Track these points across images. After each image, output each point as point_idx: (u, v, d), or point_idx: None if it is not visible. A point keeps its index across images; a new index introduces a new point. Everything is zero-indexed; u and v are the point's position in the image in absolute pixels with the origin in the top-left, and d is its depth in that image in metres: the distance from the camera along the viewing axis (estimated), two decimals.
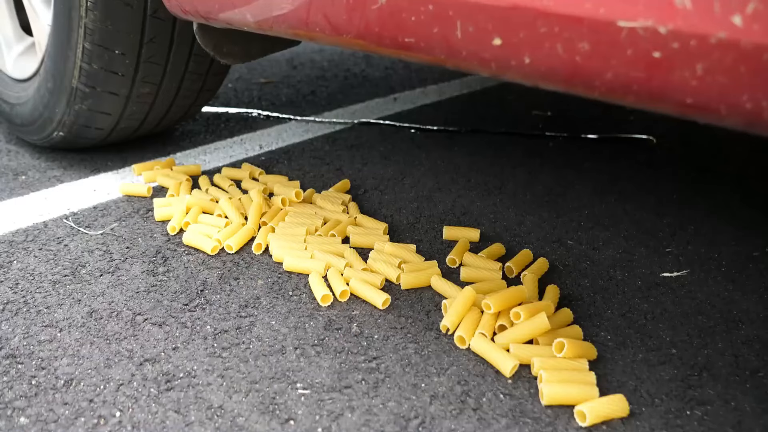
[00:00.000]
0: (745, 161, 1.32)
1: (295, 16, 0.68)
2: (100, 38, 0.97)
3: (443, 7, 0.54)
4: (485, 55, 0.53)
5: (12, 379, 0.65)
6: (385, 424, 0.61)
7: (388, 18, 0.59)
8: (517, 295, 0.76)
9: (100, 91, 1.02)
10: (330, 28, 0.65)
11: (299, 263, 0.84)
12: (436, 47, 0.57)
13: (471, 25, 0.53)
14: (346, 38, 0.64)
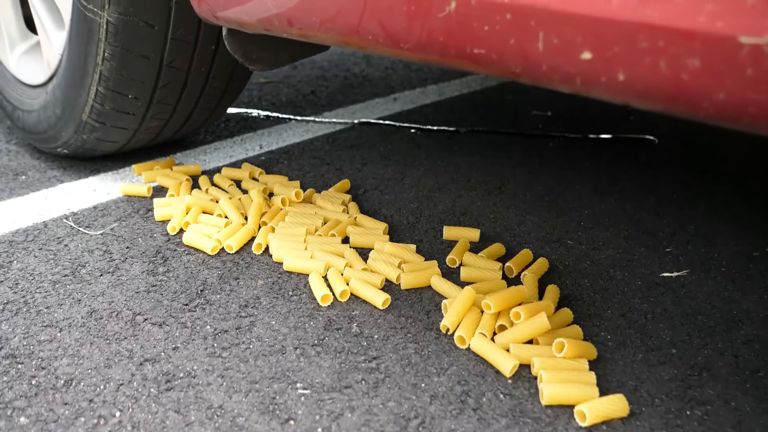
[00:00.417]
0: (745, 161, 1.32)
1: (345, 22, 0.62)
2: (115, 84, 0.97)
3: (525, 16, 0.50)
4: (570, 70, 0.49)
5: (12, 379, 0.65)
6: (385, 424, 0.61)
7: (456, 27, 0.54)
8: (517, 295, 0.76)
9: (110, 126, 1.02)
10: (385, 37, 0.60)
11: (299, 263, 0.84)
12: (510, 60, 0.52)
13: (556, 36, 0.49)
14: (404, 48, 0.59)
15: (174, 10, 0.92)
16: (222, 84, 1.09)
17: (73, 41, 0.97)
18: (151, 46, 0.94)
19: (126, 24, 0.91)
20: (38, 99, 1.11)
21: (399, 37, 0.59)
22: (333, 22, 0.64)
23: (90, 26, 0.92)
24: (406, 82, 1.81)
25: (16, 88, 1.18)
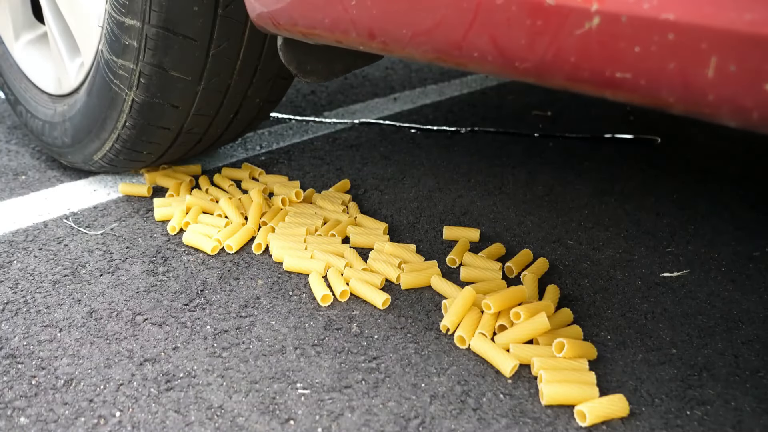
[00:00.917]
0: (745, 161, 1.32)
1: (445, 36, 0.55)
2: (132, 144, 0.95)
3: (694, 37, 0.42)
4: (746, 103, 0.42)
5: (12, 379, 0.65)
6: (385, 424, 0.61)
7: (596, 47, 0.47)
8: (517, 295, 0.76)
9: (138, 150, 0.98)
10: (496, 55, 0.52)
11: (299, 263, 0.84)
12: (664, 87, 0.45)
13: (735, 62, 0.41)
14: (518, 69, 0.52)
15: (200, 96, 0.91)
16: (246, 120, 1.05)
17: (93, 99, 0.95)
18: (175, 120, 0.92)
19: (152, 104, 0.89)
20: (45, 109, 1.08)
21: (515, 56, 0.51)
22: (429, 36, 0.56)
23: (114, 97, 0.91)
24: (406, 82, 1.81)
25: (21, 82, 1.15)
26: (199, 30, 0.84)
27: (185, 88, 0.89)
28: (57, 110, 1.06)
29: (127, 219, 0.98)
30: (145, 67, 0.85)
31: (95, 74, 0.94)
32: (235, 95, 0.97)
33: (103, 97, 0.93)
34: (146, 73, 0.86)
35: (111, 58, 0.88)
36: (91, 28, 0.93)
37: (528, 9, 0.49)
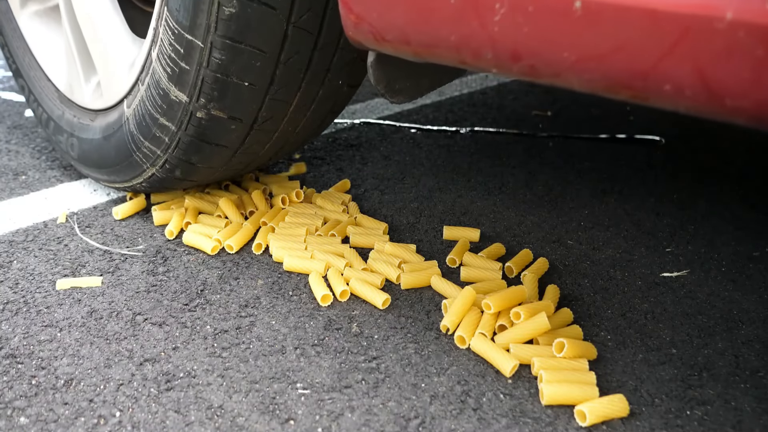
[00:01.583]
0: (745, 161, 1.32)
1: (627, 63, 0.46)
2: (186, 173, 0.90)
3: None
4: None
5: (12, 379, 0.65)
6: (385, 424, 0.61)
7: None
8: (517, 295, 0.76)
9: (195, 166, 0.89)
10: (700, 89, 0.43)
11: (299, 263, 0.84)
12: None
13: None
14: (729, 106, 0.43)
15: (265, 105, 0.82)
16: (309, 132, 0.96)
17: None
18: (236, 136, 0.85)
19: (216, 119, 0.81)
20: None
21: (727, 92, 0.43)
22: (601, 62, 0.47)
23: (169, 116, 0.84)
24: None
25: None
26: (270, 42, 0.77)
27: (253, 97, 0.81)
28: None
29: (127, 219, 0.98)
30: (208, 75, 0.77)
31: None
32: (300, 110, 0.88)
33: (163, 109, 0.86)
34: (209, 81, 0.77)
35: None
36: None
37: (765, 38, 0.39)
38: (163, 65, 0.80)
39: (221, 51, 0.74)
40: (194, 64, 0.76)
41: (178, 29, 0.75)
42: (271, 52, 0.76)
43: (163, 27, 0.79)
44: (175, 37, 0.77)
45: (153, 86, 0.84)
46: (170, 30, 0.77)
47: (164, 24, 0.78)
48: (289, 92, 0.83)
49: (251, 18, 0.72)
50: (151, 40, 0.83)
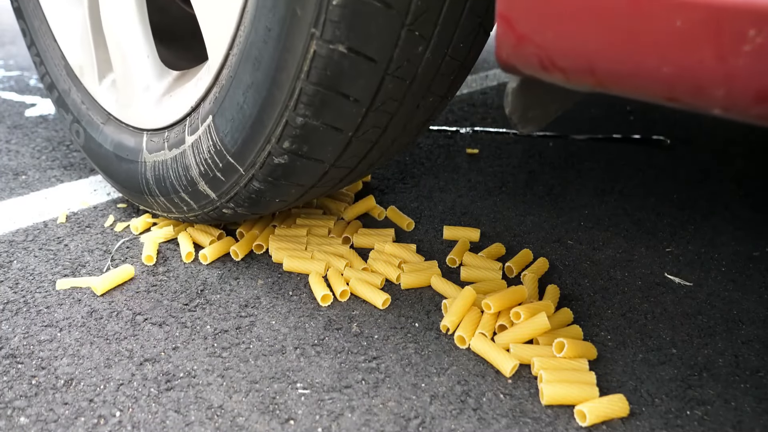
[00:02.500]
0: (745, 161, 1.32)
1: None
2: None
3: None
4: None
5: (12, 379, 0.65)
6: (385, 424, 0.61)
7: None
8: (517, 295, 0.76)
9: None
10: None
11: (298, 264, 0.84)
12: None
13: None
14: None
15: (364, 118, 0.71)
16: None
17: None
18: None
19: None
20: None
21: None
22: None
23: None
24: None
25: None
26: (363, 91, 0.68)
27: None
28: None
29: (127, 219, 0.98)
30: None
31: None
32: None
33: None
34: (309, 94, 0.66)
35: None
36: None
37: None
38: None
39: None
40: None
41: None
42: (381, 60, 0.66)
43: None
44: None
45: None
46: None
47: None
48: (391, 107, 0.73)
49: (346, 66, 0.64)
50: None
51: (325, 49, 0.62)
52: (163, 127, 0.85)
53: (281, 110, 0.67)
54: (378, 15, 0.61)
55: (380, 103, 0.70)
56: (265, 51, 0.66)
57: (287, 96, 0.66)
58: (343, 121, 0.69)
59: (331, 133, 0.70)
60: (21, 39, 2.18)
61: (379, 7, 0.61)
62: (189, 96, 0.81)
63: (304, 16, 0.61)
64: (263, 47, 0.66)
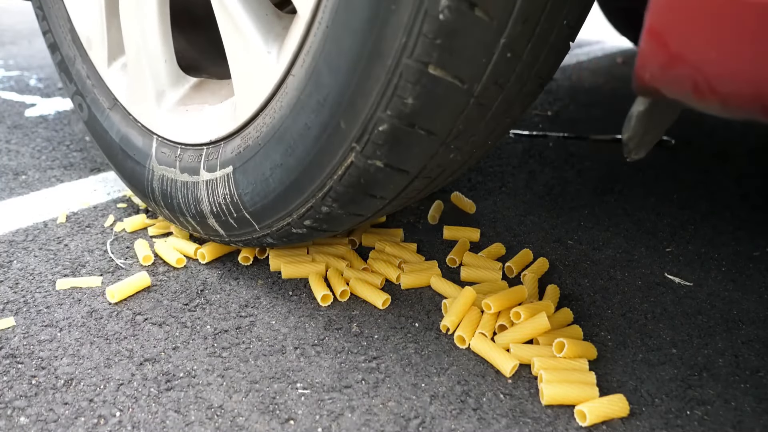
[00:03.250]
0: (745, 161, 1.32)
1: None
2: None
3: None
4: None
5: (12, 378, 0.65)
6: (385, 424, 0.61)
7: None
8: (517, 295, 0.76)
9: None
10: None
11: (296, 270, 0.84)
12: None
13: None
14: None
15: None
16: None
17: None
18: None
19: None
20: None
21: None
22: None
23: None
24: None
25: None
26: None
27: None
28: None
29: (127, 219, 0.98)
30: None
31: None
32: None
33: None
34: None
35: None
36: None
37: None
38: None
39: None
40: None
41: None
42: (413, 170, 0.65)
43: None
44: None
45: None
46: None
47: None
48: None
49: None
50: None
51: (362, 162, 0.62)
52: (176, 142, 0.79)
53: (308, 197, 0.67)
54: (421, 140, 0.61)
55: (404, 197, 0.72)
56: (300, 143, 0.64)
57: (316, 188, 0.66)
58: (368, 211, 0.70)
59: (354, 219, 0.71)
60: (21, 39, 2.18)
61: (423, 135, 0.61)
62: (207, 126, 0.75)
63: (348, 130, 0.60)
64: (299, 139, 0.64)
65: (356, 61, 0.57)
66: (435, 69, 0.55)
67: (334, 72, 0.59)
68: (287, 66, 0.64)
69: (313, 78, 0.61)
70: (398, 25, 0.53)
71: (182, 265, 0.86)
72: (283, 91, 0.65)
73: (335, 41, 0.58)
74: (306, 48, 0.61)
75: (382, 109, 0.58)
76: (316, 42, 0.60)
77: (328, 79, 0.60)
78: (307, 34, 0.61)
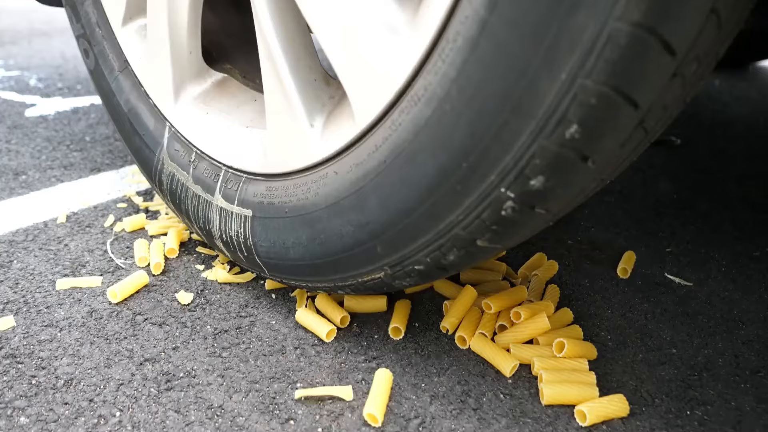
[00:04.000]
0: (745, 161, 1.32)
1: None
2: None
3: None
4: None
5: (12, 378, 0.65)
6: (385, 424, 0.61)
7: None
8: (517, 296, 0.76)
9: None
10: None
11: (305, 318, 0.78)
12: None
13: None
14: None
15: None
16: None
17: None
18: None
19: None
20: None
21: None
22: None
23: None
24: None
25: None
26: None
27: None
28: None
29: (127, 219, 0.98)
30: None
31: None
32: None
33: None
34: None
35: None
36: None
37: None
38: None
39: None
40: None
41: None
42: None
43: None
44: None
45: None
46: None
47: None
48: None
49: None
50: None
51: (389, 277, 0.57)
52: (191, 144, 0.71)
53: (326, 282, 0.61)
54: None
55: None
56: (330, 241, 0.57)
57: (338, 278, 0.59)
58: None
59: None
60: (21, 39, 2.18)
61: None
62: (229, 145, 0.67)
63: (388, 252, 0.53)
64: (328, 236, 0.57)
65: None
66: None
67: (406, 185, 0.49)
68: (335, 151, 0.55)
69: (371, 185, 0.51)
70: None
71: (145, 264, 0.85)
72: (321, 178, 0.57)
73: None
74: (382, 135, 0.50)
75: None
76: (387, 131, 0.49)
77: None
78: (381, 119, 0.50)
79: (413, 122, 0.48)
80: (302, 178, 0.61)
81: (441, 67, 0.46)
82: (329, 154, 0.56)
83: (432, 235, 0.51)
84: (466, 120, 0.46)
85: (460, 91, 0.45)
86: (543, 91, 0.43)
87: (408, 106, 0.49)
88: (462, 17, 0.44)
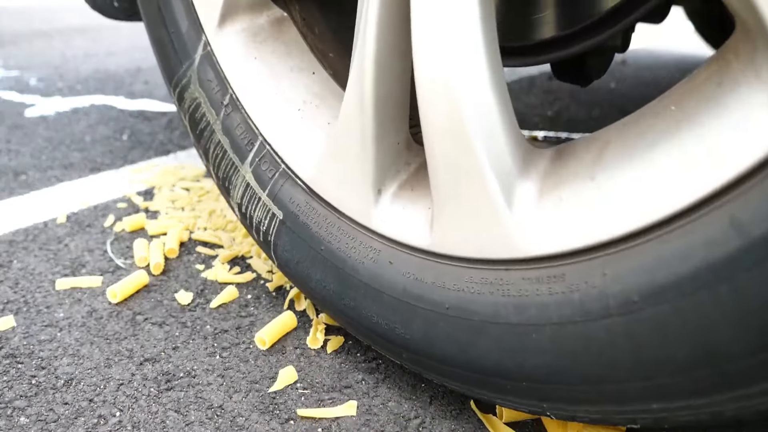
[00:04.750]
0: None
1: None
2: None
3: None
4: None
5: (12, 378, 0.65)
6: (385, 424, 0.61)
7: None
8: None
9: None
10: None
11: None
12: None
13: None
14: None
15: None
16: None
17: None
18: None
19: None
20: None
21: None
22: None
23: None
24: None
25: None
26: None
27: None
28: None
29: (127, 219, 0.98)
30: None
31: None
32: None
33: None
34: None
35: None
36: None
37: None
38: None
39: None
40: None
41: None
42: None
43: None
44: None
45: None
46: None
47: None
48: None
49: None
50: None
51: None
52: (226, 80, 0.56)
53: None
54: None
55: None
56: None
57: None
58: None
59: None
60: (21, 39, 2.18)
61: None
62: (271, 115, 0.52)
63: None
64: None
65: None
66: None
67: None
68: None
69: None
70: None
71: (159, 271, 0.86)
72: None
73: None
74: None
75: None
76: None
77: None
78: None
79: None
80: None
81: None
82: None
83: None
84: None
85: None
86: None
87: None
88: None
